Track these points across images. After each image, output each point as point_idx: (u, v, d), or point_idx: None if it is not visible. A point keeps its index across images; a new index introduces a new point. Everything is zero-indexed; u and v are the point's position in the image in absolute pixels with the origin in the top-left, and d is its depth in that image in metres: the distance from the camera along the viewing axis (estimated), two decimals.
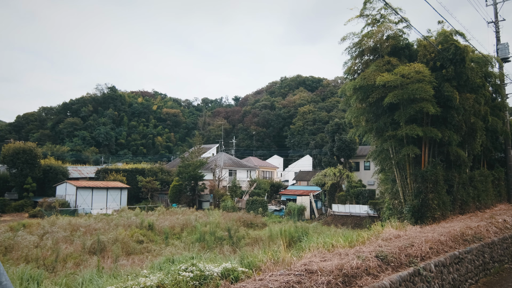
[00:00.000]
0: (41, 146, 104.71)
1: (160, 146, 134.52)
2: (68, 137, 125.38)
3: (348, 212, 33.90)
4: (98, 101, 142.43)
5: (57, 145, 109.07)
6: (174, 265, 8.12)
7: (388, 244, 10.08)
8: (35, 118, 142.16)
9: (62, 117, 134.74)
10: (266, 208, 39.90)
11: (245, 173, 54.49)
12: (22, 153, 46.11)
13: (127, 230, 25.51)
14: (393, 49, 17.65)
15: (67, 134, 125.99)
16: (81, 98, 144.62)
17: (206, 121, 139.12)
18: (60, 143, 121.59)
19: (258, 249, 19.09)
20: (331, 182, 37.00)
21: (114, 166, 59.01)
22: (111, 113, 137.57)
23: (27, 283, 11.83)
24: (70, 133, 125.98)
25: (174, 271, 7.05)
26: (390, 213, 17.76)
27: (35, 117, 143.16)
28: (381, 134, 17.28)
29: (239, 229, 26.29)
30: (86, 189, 43.78)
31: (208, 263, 7.84)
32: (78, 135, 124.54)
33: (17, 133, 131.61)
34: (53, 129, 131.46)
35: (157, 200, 50.85)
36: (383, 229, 12.22)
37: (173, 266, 7.70)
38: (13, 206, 43.82)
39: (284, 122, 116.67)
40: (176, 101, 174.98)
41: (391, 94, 15.51)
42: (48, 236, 21.59)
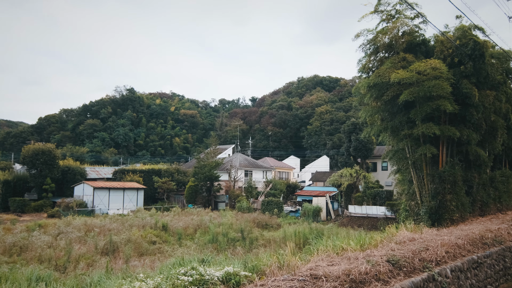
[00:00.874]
0: (62, 147, 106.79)
1: (178, 147, 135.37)
2: (88, 138, 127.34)
3: (365, 214, 33.22)
4: (117, 102, 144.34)
5: (76, 147, 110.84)
6: (174, 268, 7.87)
7: (402, 247, 9.63)
8: (56, 120, 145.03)
9: (82, 118, 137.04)
10: (282, 209, 39.49)
11: (261, 173, 54.17)
12: (41, 154, 46.76)
13: (141, 231, 25.51)
14: (409, 45, 17.10)
15: (87, 136, 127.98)
16: (101, 100, 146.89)
17: (223, 122, 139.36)
18: (80, 144, 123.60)
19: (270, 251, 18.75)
20: (347, 183, 36.35)
21: (131, 167, 59.50)
22: (129, 115, 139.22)
23: (36, 284, 11.79)
24: (90, 134, 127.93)
25: (173, 274, 6.81)
26: (407, 214, 17.20)
27: (56, 119, 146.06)
28: (396, 133, 16.74)
29: (253, 230, 25.98)
30: (103, 189, 44.16)
31: (210, 267, 7.58)
32: (97, 137, 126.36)
33: (39, 135, 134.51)
34: (73, 131, 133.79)
35: (173, 201, 50.98)
36: (397, 232, 11.75)
37: (173, 270, 7.46)
38: (33, 206, 44.50)
39: (301, 122, 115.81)
40: (194, 102, 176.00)
41: (407, 92, 14.98)
42: (62, 237, 21.70)
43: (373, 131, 17.80)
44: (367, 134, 18.27)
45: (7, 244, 19.86)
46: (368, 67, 18.35)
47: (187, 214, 36.06)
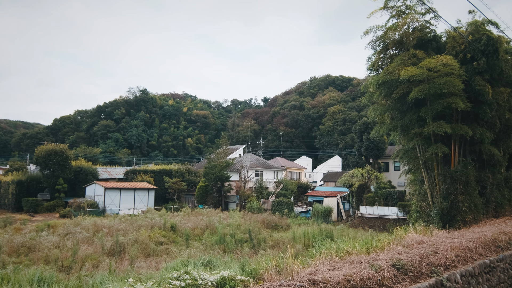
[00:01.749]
0: (76, 148, 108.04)
1: (190, 148, 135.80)
2: (102, 139, 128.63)
3: (376, 214, 32.60)
4: (130, 103, 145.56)
5: (90, 147, 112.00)
6: (178, 270, 7.60)
7: (409, 251, 9.22)
8: (71, 121, 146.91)
9: (96, 119, 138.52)
10: (292, 209, 39.08)
11: (271, 174, 53.81)
12: (54, 155, 47.12)
13: (149, 231, 25.42)
14: (420, 41, 16.58)
15: (101, 136, 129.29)
16: (114, 101, 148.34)
17: (235, 122, 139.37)
18: (94, 145, 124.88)
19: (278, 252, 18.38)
20: (358, 183, 35.75)
21: (142, 167, 59.70)
22: (143, 116, 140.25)
23: (37, 286, 11.68)
24: (103, 135, 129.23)
25: (165, 279, 6.55)
26: (418, 216, 16.69)
27: (71, 120, 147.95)
28: (406, 132, 16.26)
29: (261, 231, 25.68)
30: (114, 190, 44.32)
31: (212, 269, 7.30)
32: (111, 137, 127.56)
33: (54, 136, 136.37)
34: (87, 132, 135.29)
35: (184, 201, 50.96)
36: (406, 234, 11.31)
37: (167, 273, 7.21)
38: (45, 207, 44.86)
39: (313, 122, 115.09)
40: (206, 102, 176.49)
41: (417, 89, 14.50)
42: (70, 237, 21.70)
43: (383, 130, 17.32)
44: (376, 133, 17.79)
45: (15, 244, 19.92)
46: (377, 64, 17.88)
47: (196, 214, 35.92)
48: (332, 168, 64.64)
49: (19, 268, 14.55)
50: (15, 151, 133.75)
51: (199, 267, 12.20)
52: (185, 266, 12.50)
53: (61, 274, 16.15)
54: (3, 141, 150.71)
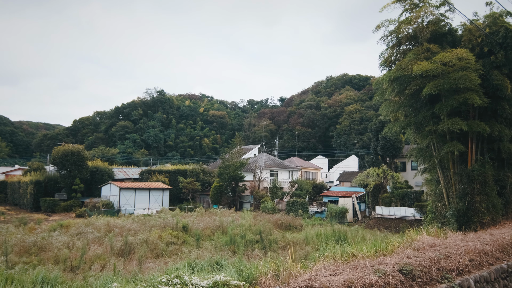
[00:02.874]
0: (95, 148, 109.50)
1: (207, 148, 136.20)
2: (120, 140, 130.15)
3: (393, 215, 31.78)
4: (147, 104, 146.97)
5: (107, 148, 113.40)
6: (184, 271, 7.27)
7: (419, 254, 8.68)
8: (90, 122, 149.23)
9: (115, 120, 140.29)
10: (307, 210, 38.52)
11: (286, 174, 53.28)
12: (71, 155, 47.67)
13: (161, 232, 25.30)
14: (434, 35, 15.92)
15: (119, 137, 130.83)
16: (132, 102, 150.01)
17: (251, 122, 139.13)
18: (112, 146, 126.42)
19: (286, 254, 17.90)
20: (374, 183, 34.93)
21: (158, 168, 59.93)
22: (160, 116, 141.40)
23: (40, 287, 11.53)
24: (121, 136, 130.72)
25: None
26: (433, 217, 16.03)
27: (90, 121, 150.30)
28: (420, 130, 15.62)
29: (273, 232, 25.27)
30: (129, 190, 44.53)
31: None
32: (129, 138, 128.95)
33: (74, 137, 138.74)
34: (106, 133, 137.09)
35: (199, 201, 50.91)
36: (418, 236, 10.75)
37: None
38: (62, 206, 45.40)
39: (330, 122, 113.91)
40: (222, 103, 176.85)
41: (430, 85, 13.88)
42: (81, 237, 21.70)
43: (395, 127, 16.67)
44: (389, 130, 17.17)
45: (27, 244, 20.01)
46: (390, 60, 17.27)
47: (210, 214, 35.72)
48: (348, 168, 63.68)
49: (24, 268, 14.47)
50: (36, 152, 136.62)
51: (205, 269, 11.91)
52: (192, 267, 12.24)
53: (70, 274, 16.09)
54: (25, 142, 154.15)
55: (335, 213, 35.06)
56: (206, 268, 12.01)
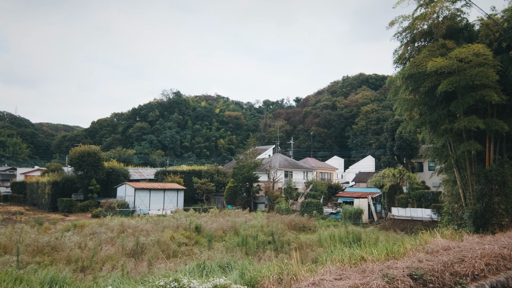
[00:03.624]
0: (112, 149, 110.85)
1: (223, 149, 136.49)
2: (137, 141, 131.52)
3: (409, 216, 31.06)
4: (164, 106, 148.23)
5: (124, 148, 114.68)
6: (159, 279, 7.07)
7: (432, 258, 8.29)
8: (108, 124, 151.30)
9: (132, 122, 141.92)
10: (321, 211, 38.04)
11: (301, 174, 52.81)
12: (87, 156, 48.18)
13: (174, 232, 25.25)
14: (450, 31, 15.39)
15: (136, 138, 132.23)
16: (149, 103, 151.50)
17: (267, 123, 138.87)
18: (129, 147, 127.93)
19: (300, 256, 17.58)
20: (389, 184, 34.24)
21: (172, 168, 60.17)
22: (176, 117, 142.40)
23: (48, 287, 11.51)
24: (138, 137, 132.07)
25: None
26: (449, 219, 15.50)
27: (108, 122, 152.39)
28: (436, 128, 15.10)
29: (285, 233, 24.94)
30: (144, 190, 44.77)
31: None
32: (146, 139, 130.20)
33: (92, 138, 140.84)
34: (123, 134, 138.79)
35: (214, 202, 50.90)
36: (432, 239, 10.33)
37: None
38: (79, 207, 45.91)
39: (346, 122, 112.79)
40: (238, 104, 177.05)
41: (446, 82, 13.39)
42: (93, 237, 21.79)
43: (410, 126, 16.16)
44: (403, 129, 16.68)
45: (40, 244, 20.16)
46: (404, 57, 16.79)
47: (224, 215, 35.59)
48: (364, 169, 62.82)
49: (34, 269, 14.52)
50: (56, 153, 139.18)
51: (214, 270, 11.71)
52: (201, 268, 12.06)
53: (81, 274, 16.10)
54: (45, 144, 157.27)
55: (350, 214, 34.51)
56: (216, 269, 11.86)
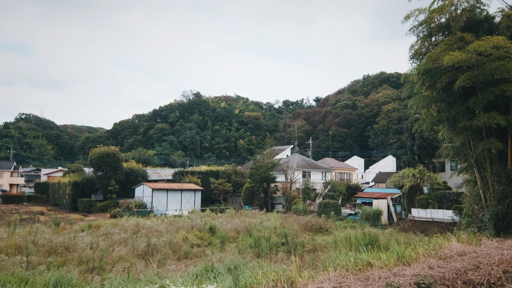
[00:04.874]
0: (133, 150, 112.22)
1: (242, 149, 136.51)
2: (158, 141, 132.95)
3: (430, 218, 30.03)
4: (184, 107, 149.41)
5: (144, 149, 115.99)
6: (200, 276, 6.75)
7: (444, 264, 7.70)
8: (130, 125, 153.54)
9: (153, 123, 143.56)
10: (339, 211, 37.29)
11: (319, 174, 52.05)
12: (106, 157, 48.69)
13: (188, 233, 25.08)
14: (468, 23, 14.62)
15: (157, 139, 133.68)
16: (169, 105, 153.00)
17: (286, 123, 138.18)
18: (150, 147, 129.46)
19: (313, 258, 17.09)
20: (409, 184, 33.22)
21: (190, 169, 60.30)
22: (196, 118, 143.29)
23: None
24: (159, 138, 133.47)
25: None
26: (469, 221, 14.73)
27: (130, 124, 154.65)
28: (454, 126, 14.35)
29: (303, 235, 24.46)
30: (162, 191, 44.90)
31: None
32: (166, 140, 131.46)
33: (114, 139, 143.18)
34: (144, 135, 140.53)
35: (231, 202, 50.71)
36: (447, 243, 9.71)
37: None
38: (98, 207, 46.44)
39: (366, 121, 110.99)
40: (258, 104, 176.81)
41: (463, 77, 12.68)
42: (106, 238, 21.79)
43: (426, 124, 15.44)
44: (419, 127, 15.97)
45: (54, 244, 20.26)
46: (421, 52, 16.08)
47: (240, 216, 35.29)
48: (384, 169, 61.50)
49: (41, 270, 14.48)
50: (79, 154, 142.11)
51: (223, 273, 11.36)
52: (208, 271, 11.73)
53: (90, 275, 16.03)
54: (69, 145, 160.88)
55: (369, 215, 33.67)
56: (224, 272, 11.51)
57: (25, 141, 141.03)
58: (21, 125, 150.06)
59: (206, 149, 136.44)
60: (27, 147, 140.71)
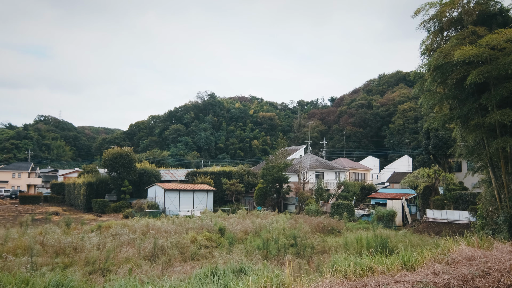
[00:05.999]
0: (148, 151, 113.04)
1: (257, 149, 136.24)
2: (173, 142, 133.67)
3: (445, 219, 29.18)
4: (199, 108, 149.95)
5: (158, 150, 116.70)
6: None
7: (450, 270, 7.22)
8: (145, 126, 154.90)
9: (168, 124, 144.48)
10: (353, 212, 36.65)
11: (333, 175, 51.35)
12: (120, 158, 48.96)
13: (198, 234, 24.88)
14: (481, 17, 14.02)
15: (172, 140, 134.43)
16: (184, 105, 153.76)
17: (301, 123, 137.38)
18: (165, 148, 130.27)
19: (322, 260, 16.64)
20: (424, 185, 32.37)
21: (203, 169, 60.28)
22: (210, 119, 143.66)
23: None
24: (174, 139, 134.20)
25: None
26: (484, 223, 14.10)
27: (145, 125, 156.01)
28: (466, 124, 13.75)
29: (311, 236, 23.97)
30: (174, 191, 44.90)
31: None
32: (181, 141, 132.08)
33: (130, 140, 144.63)
34: (160, 136, 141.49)
35: (243, 203, 50.44)
36: (456, 247, 9.19)
37: None
38: (112, 207, 46.72)
39: (382, 121, 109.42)
40: (272, 104, 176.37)
41: (475, 72, 12.11)
42: (114, 238, 21.73)
43: (437, 121, 14.84)
44: (430, 125, 15.39)
45: (62, 244, 20.28)
46: (432, 48, 15.50)
47: (251, 216, 34.98)
48: (400, 169, 60.36)
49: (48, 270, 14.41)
50: (97, 155, 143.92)
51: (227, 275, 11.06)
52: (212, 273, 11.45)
53: (95, 277, 15.94)
54: (87, 146, 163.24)
55: (382, 216, 32.96)
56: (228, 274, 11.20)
57: (44, 142, 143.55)
58: (40, 127, 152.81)
59: (221, 150, 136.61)
60: (46, 149, 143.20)
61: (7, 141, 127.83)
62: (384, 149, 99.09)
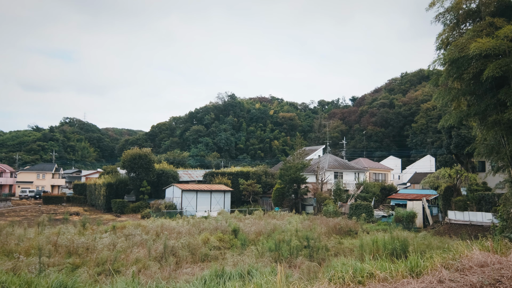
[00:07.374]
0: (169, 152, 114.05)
1: (277, 150, 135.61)
2: (194, 143, 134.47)
3: (468, 221, 28.03)
4: (219, 109, 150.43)
5: (178, 151, 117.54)
6: None
7: (459, 277, 6.67)
8: (166, 127, 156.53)
9: (189, 125, 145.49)
10: (372, 213, 35.75)
11: (352, 175, 50.38)
12: (139, 158, 49.36)
13: (212, 235, 24.66)
14: (500, 7, 13.24)
15: (192, 141, 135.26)
16: (205, 107, 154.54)
17: (321, 123, 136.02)
18: (186, 149, 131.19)
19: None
20: (445, 185, 31.23)
21: (221, 170, 60.20)
22: (231, 120, 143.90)
23: None
24: (195, 139, 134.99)
25: None
26: (504, 225, 13.30)
27: (166, 126, 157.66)
28: (484, 120, 13.01)
29: (326, 238, 23.38)
30: (191, 192, 44.92)
31: None
32: (202, 141, 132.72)
33: (152, 141, 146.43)
34: (181, 137, 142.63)
35: (261, 203, 50.07)
36: (468, 251, 8.57)
37: None
38: (131, 208, 47.13)
39: (404, 120, 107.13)
40: (292, 105, 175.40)
41: (493, 65, 11.41)
42: (126, 239, 21.71)
43: (452, 118, 14.10)
44: (445, 122, 14.64)
45: (75, 245, 20.37)
46: (448, 42, 14.78)
47: (268, 217, 34.58)
48: (422, 169, 58.78)
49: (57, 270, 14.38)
50: (119, 156, 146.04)
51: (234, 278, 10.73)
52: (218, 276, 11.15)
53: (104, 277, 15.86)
54: (110, 147, 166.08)
55: (402, 217, 32.01)
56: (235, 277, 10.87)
57: (69, 144, 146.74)
58: (65, 129, 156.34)
59: (241, 150, 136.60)
60: (71, 150, 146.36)
61: (33, 143, 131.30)
62: (407, 149, 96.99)
